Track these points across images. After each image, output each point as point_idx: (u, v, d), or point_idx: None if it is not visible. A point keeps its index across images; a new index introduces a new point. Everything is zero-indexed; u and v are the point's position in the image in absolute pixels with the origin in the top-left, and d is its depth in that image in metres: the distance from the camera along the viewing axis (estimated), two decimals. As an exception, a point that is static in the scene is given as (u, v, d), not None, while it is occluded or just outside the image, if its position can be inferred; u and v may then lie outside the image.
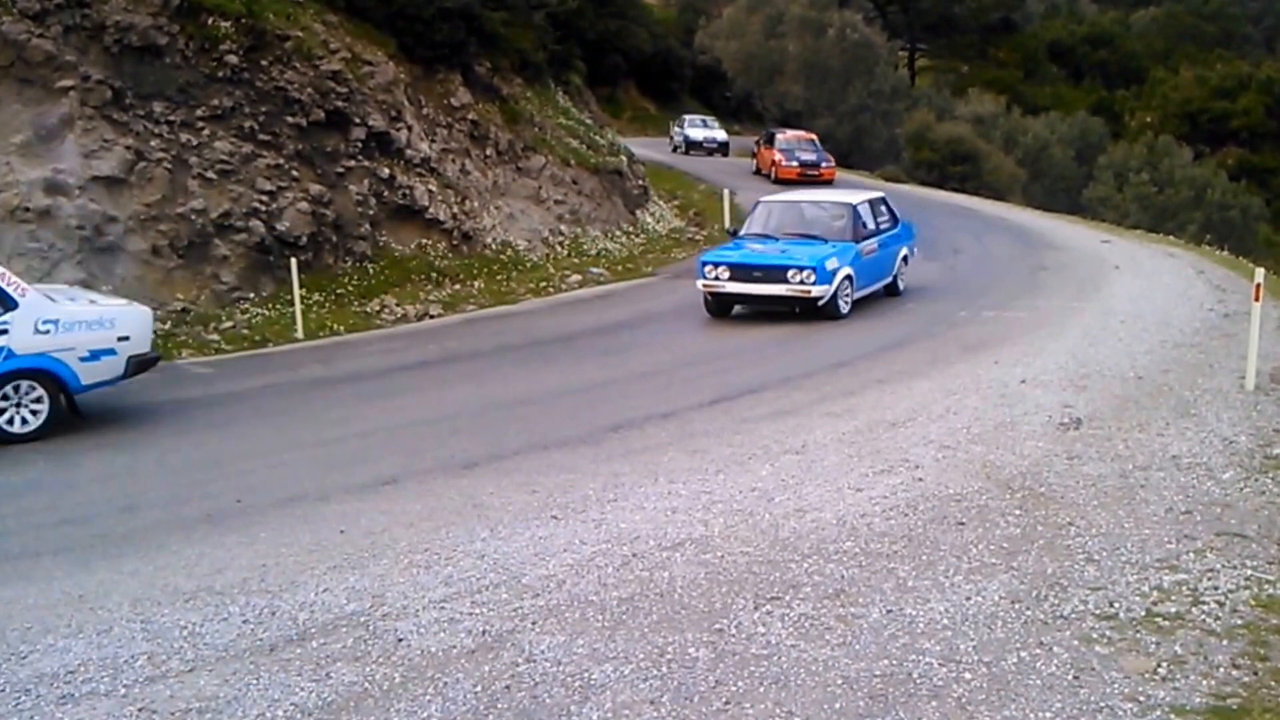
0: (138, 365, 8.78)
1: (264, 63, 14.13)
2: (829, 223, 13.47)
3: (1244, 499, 6.52)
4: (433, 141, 16.96)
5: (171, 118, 13.12)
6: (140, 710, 4.26)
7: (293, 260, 13.02)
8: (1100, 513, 6.28)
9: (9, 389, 8.07)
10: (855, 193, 15.46)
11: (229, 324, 12.56)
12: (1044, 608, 5.05)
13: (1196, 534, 5.96)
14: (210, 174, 13.25)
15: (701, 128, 39.81)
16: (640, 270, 17.88)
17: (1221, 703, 4.23)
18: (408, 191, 15.72)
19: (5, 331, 7.99)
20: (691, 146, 38.27)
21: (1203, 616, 4.96)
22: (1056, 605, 5.08)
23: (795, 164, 29.28)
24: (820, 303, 12.44)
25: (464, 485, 7.08)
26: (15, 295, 8.07)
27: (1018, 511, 6.32)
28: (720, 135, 38.90)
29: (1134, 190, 36.70)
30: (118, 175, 12.43)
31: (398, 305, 14.16)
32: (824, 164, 29.74)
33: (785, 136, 31.58)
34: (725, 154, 37.49)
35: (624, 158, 22.99)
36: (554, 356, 11.51)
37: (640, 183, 23.58)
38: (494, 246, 17.06)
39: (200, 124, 13.36)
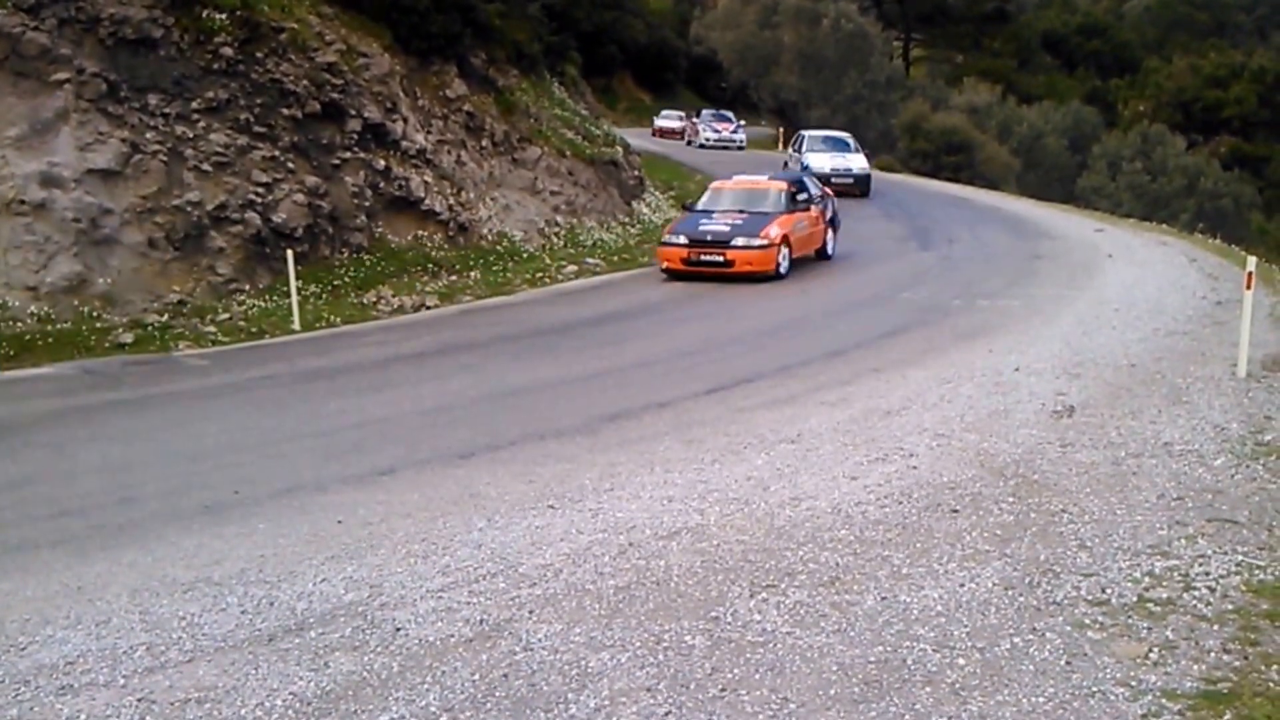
0: None
1: (259, 55, 14.11)
2: None
3: (1235, 485, 6.56)
4: (428, 133, 16.95)
5: (167, 110, 13.10)
6: (139, 701, 4.28)
7: (289, 252, 13.02)
8: (1093, 499, 6.32)
9: None
10: None
11: (225, 316, 12.57)
12: (1037, 594, 5.09)
13: (1188, 520, 6.00)
14: (206, 166, 13.24)
15: (829, 151, 25.48)
16: (636, 261, 17.88)
17: (1212, 687, 4.26)
18: (404, 183, 15.71)
19: None
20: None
21: (1194, 602, 4.99)
22: (1049, 591, 5.11)
23: (680, 241, 15.19)
24: None
25: (461, 475, 7.10)
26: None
27: (1011, 499, 6.36)
28: (858, 164, 25.19)
29: (1127, 179, 36.80)
30: (113, 168, 12.41)
31: (394, 296, 14.16)
32: (738, 241, 14.77)
33: (724, 186, 16.78)
34: (866, 192, 24.98)
35: (620, 149, 23.00)
36: (550, 347, 11.53)
37: (636, 173, 23.59)
38: (490, 237, 17.06)
39: (195, 116, 13.34)
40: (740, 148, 36.50)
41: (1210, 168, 37.48)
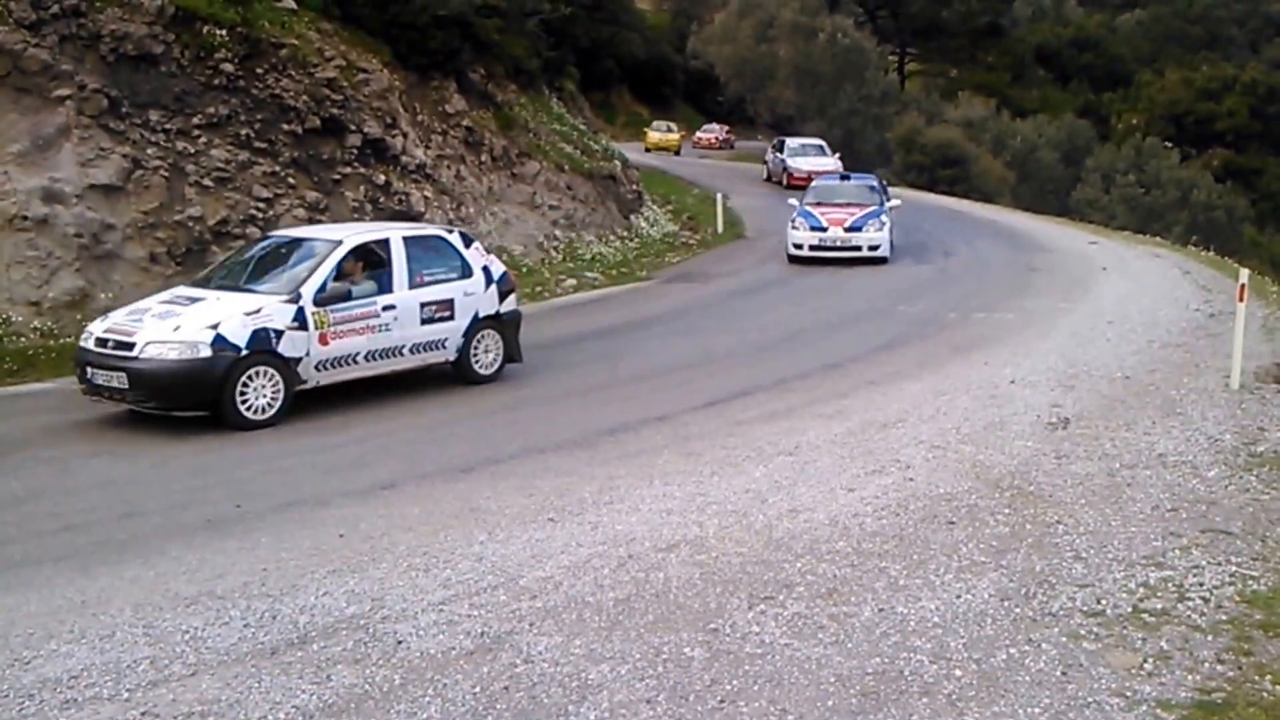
0: None
1: (259, 71, 14.18)
2: None
3: (1229, 496, 6.62)
4: (428, 148, 17.03)
5: (168, 126, 13.16)
6: (143, 714, 4.31)
7: (288, 267, 13.04)
8: (1088, 511, 6.38)
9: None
10: None
11: (225, 331, 12.57)
12: (1033, 605, 5.14)
13: (1182, 531, 6.05)
14: (207, 181, 13.29)
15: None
16: (635, 275, 17.95)
17: (1206, 697, 4.31)
18: (404, 198, 15.77)
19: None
20: None
21: (1188, 612, 5.04)
22: (1045, 602, 5.16)
23: None
24: None
25: (461, 489, 7.15)
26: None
27: (1007, 510, 6.41)
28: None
29: (1121, 192, 36.95)
30: (115, 183, 12.47)
31: (392, 311, 14.17)
32: None
33: None
34: None
35: (618, 163, 23.11)
36: (548, 361, 11.57)
37: (634, 187, 23.68)
38: (490, 252, 17.10)
39: (196, 132, 13.40)
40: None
41: (1203, 180, 37.66)
